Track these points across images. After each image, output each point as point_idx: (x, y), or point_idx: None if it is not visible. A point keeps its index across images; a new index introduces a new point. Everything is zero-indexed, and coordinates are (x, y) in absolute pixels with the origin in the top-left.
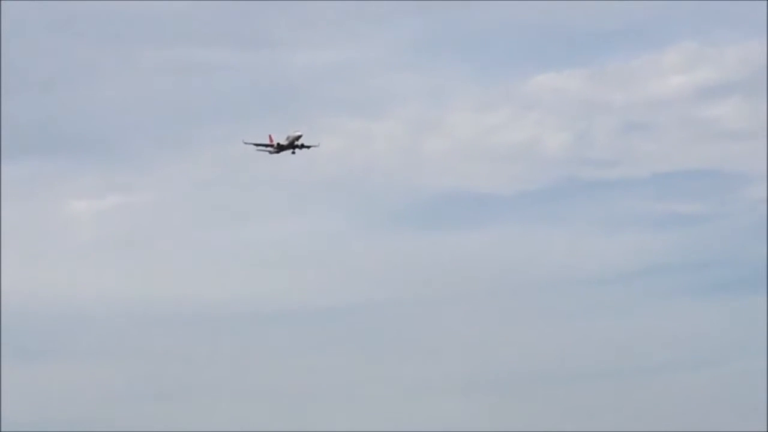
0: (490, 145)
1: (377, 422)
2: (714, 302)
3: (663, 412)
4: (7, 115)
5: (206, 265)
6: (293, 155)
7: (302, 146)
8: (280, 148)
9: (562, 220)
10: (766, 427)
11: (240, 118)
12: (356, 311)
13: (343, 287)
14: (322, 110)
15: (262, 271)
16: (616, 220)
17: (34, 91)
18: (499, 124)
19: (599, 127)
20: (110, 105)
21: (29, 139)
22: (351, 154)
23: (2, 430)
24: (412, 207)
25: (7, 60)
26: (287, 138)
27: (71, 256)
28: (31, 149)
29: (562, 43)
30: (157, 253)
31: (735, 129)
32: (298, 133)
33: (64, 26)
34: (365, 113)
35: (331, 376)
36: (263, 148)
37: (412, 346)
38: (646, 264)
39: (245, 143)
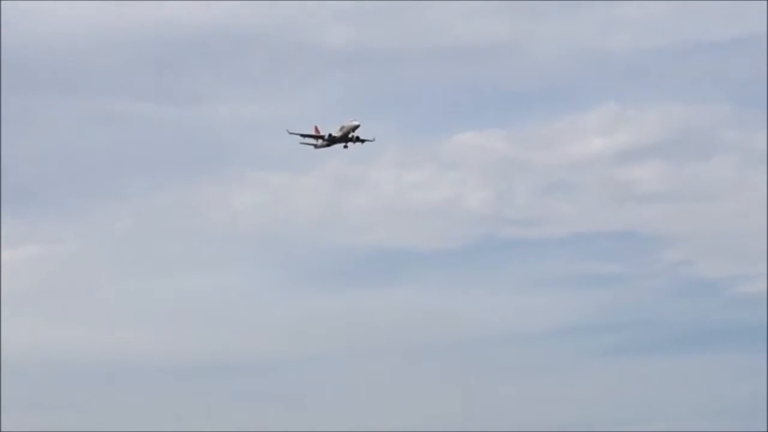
0: (412, 202)
1: None
2: (630, 363)
3: None
4: None
5: (123, 317)
6: (345, 149)
7: (357, 139)
8: (331, 141)
9: (481, 279)
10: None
11: (164, 171)
12: (272, 368)
13: (258, 343)
14: (247, 164)
15: (178, 324)
16: (535, 279)
17: None
18: (421, 182)
19: (520, 187)
20: (34, 154)
21: None
22: (274, 209)
23: None
24: (333, 263)
25: None
26: (341, 128)
27: None
28: None
29: (484, 103)
30: (75, 304)
31: (654, 191)
32: (356, 123)
33: None
34: (289, 168)
35: None
36: (310, 140)
37: (331, 403)
38: (564, 324)
39: (290, 133)
